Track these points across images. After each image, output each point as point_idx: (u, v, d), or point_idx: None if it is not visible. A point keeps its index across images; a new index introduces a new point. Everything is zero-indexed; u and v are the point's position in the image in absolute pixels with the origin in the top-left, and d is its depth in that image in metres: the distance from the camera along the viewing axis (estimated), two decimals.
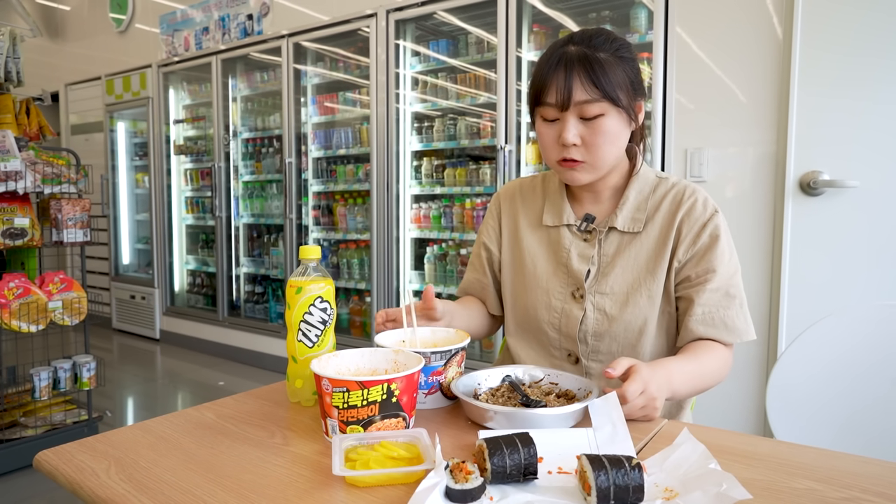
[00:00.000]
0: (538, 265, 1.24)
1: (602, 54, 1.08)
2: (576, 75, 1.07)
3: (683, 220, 1.15)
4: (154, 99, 5.02)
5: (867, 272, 2.23)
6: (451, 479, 0.67)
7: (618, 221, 1.18)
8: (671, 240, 1.15)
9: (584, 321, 1.17)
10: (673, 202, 1.17)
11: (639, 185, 1.20)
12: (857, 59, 2.19)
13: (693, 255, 1.14)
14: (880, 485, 0.72)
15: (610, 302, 1.16)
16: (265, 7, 4.18)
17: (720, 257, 1.12)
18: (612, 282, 1.17)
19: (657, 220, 1.17)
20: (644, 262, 1.16)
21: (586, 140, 1.10)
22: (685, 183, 1.20)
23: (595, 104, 1.07)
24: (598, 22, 2.98)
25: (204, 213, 4.93)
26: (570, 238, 1.22)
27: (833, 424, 1.31)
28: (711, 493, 0.65)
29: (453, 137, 3.47)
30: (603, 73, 1.06)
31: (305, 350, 0.99)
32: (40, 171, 2.60)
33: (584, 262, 1.19)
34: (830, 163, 2.25)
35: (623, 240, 1.18)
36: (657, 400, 0.92)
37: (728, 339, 1.11)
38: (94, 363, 2.84)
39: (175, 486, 0.73)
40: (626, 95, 1.09)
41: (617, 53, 1.09)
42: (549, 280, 1.22)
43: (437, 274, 3.56)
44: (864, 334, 1.31)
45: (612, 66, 1.08)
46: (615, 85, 1.07)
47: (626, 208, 1.18)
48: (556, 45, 1.12)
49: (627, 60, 1.11)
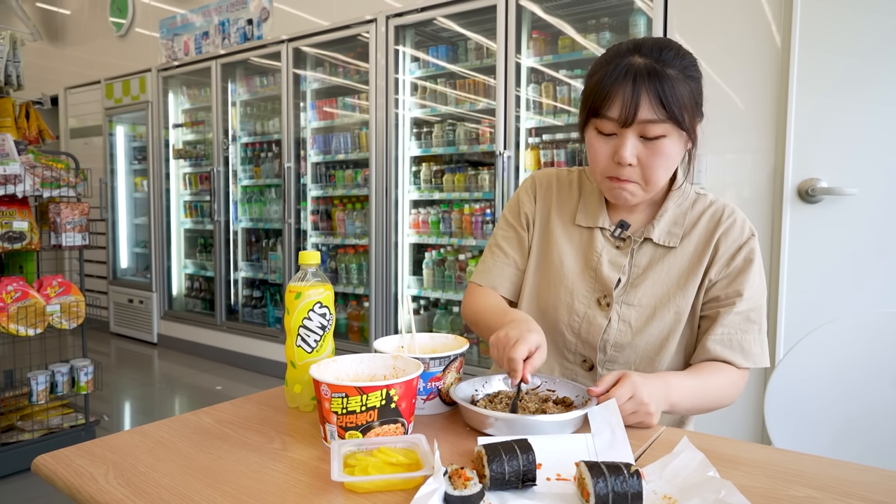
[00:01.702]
0: (565, 262, 1.20)
1: (671, 70, 1.01)
2: (644, 92, 1.00)
3: (721, 240, 1.12)
4: (153, 103, 5.02)
5: (865, 280, 2.23)
6: (450, 486, 0.67)
7: (654, 233, 1.15)
8: (707, 258, 1.12)
9: (607, 330, 1.14)
10: (711, 220, 1.15)
11: (678, 199, 1.17)
12: (854, 65, 2.20)
13: (725, 276, 1.12)
14: (878, 492, 0.72)
15: (636, 314, 1.13)
16: (265, 12, 4.20)
17: (751, 281, 1.10)
18: (640, 294, 1.14)
19: (694, 237, 1.14)
20: (676, 277, 1.13)
21: (643, 161, 1.06)
22: (724, 202, 1.18)
23: (659, 125, 1.02)
24: (597, 29, 2.99)
25: (202, 218, 4.93)
26: (603, 243, 1.19)
27: (831, 432, 1.31)
28: (710, 500, 0.65)
29: (452, 143, 3.48)
30: (672, 93, 1.01)
31: (304, 355, 0.99)
32: (39, 175, 2.60)
33: (615, 269, 1.16)
34: (829, 170, 2.26)
35: (657, 253, 1.15)
36: (649, 406, 0.92)
37: (742, 364, 1.09)
38: (91, 367, 2.83)
39: (173, 490, 0.73)
40: (690, 116, 1.05)
41: (686, 71, 1.04)
42: (575, 281, 1.18)
43: (436, 279, 3.56)
44: (863, 342, 1.31)
45: (681, 84, 1.02)
46: (682, 106, 1.02)
47: (663, 221, 1.15)
48: (620, 51, 1.05)
49: (694, 80, 1.06)
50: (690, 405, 1.05)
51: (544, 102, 3.16)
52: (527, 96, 3.17)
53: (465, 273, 3.43)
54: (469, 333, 3.45)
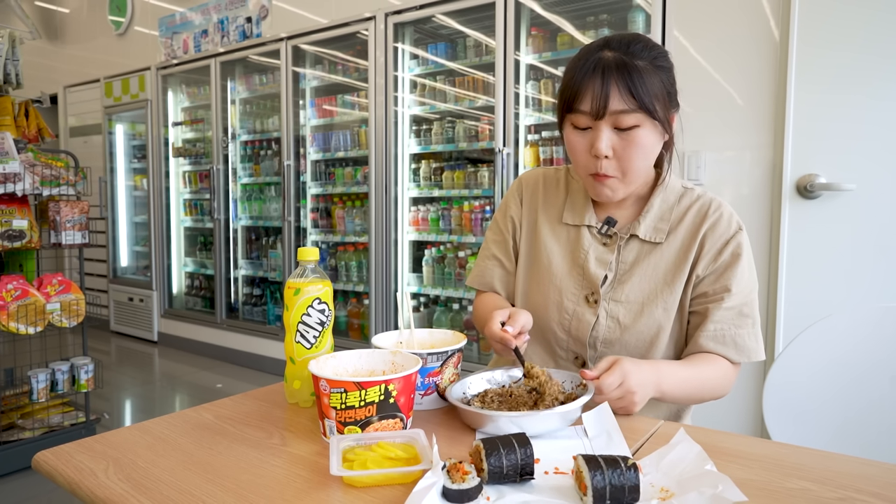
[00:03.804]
0: (553, 261, 1.21)
1: (640, 62, 1.03)
2: (613, 83, 1.02)
3: (707, 235, 1.12)
4: (153, 101, 5.02)
5: (864, 274, 2.23)
6: (448, 480, 0.68)
7: (640, 230, 1.15)
8: (692, 253, 1.12)
9: (595, 327, 1.15)
10: (698, 215, 1.14)
11: (664, 195, 1.17)
12: (853, 60, 2.20)
13: (713, 272, 1.11)
14: (875, 485, 0.72)
15: (624, 310, 1.14)
16: (264, 10, 4.19)
17: (739, 276, 1.10)
18: (628, 290, 1.14)
19: (680, 232, 1.14)
20: (663, 273, 1.13)
21: (618, 152, 1.06)
22: (711, 196, 1.17)
23: (631, 115, 1.03)
24: (596, 25, 2.99)
25: (202, 216, 4.93)
26: (590, 240, 1.19)
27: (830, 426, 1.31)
28: (707, 494, 0.65)
29: (451, 140, 3.48)
30: (641, 82, 1.02)
31: (303, 351, 1.00)
32: (39, 173, 2.60)
33: (601, 266, 1.16)
34: (827, 166, 2.26)
35: (643, 249, 1.15)
36: (636, 395, 0.94)
37: (736, 358, 1.10)
38: (91, 365, 2.84)
39: (173, 485, 0.73)
40: (663, 106, 1.05)
41: (655, 62, 1.05)
42: (564, 279, 1.19)
43: (436, 276, 3.56)
44: (862, 336, 1.31)
45: (650, 74, 1.03)
46: (652, 95, 1.03)
47: (649, 217, 1.15)
48: (591, 48, 1.08)
49: (665, 69, 1.07)
50: (681, 394, 1.06)
51: (543, 99, 3.16)
52: (526, 93, 3.17)
53: (465, 270, 3.43)
54: (468, 330, 3.46)
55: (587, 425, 0.86)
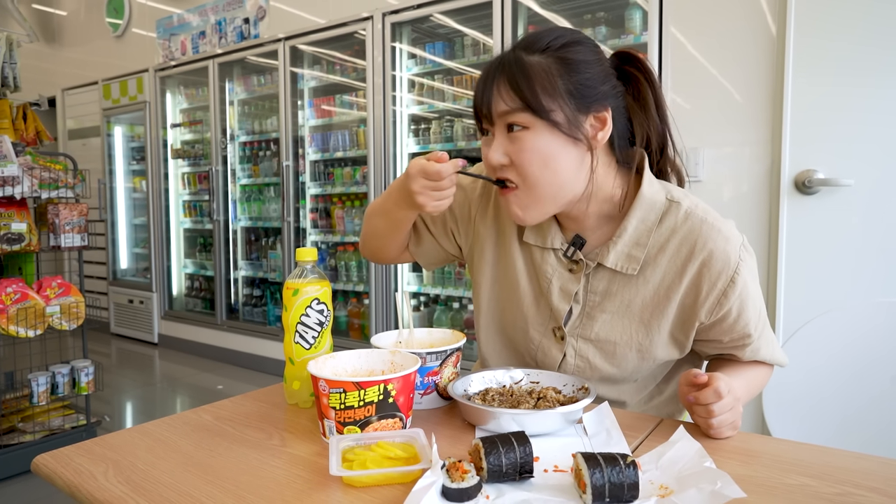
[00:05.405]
0: (520, 284, 1.06)
1: (536, 57, 0.90)
2: (497, 82, 0.91)
3: (702, 278, 0.93)
4: (151, 103, 5.02)
5: (863, 270, 2.23)
6: (448, 479, 0.68)
7: (609, 258, 0.97)
8: (677, 294, 0.95)
9: (563, 365, 1.03)
10: (683, 246, 0.94)
11: (642, 213, 0.96)
12: (851, 54, 2.19)
13: (722, 321, 0.96)
14: (874, 480, 0.72)
15: (594, 350, 1.01)
16: (261, 11, 4.19)
17: (751, 311, 0.96)
18: (598, 328, 1.00)
19: (661, 264, 0.96)
20: (639, 311, 0.98)
21: (512, 157, 0.92)
22: (700, 218, 0.94)
23: (517, 114, 0.89)
24: (594, 23, 2.99)
25: (202, 217, 4.93)
26: (555, 265, 1.02)
27: (829, 422, 1.31)
28: (706, 490, 0.65)
29: (450, 139, 3.48)
30: (525, 79, 0.88)
31: (302, 352, 1.00)
32: (37, 176, 2.60)
33: (565, 298, 1.01)
34: (825, 161, 2.26)
35: (615, 279, 0.98)
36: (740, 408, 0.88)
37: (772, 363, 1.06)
38: (92, 368, 2.84)
39: (173, 487, 0.73)
40: (563, 106, 0.89)
41: (559, 53, 0.90)
42: (529, 307, 1.06)
43: (435, 276, 3.57)
44: (861, 332, 1.31)
45: (546, 70, 0.89)
46: (541, 92, 0.88)
47: (622, 241, 0.96)
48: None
49: (575, 63, 0.90)
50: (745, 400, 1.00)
51: None
52: None
53: (465, 269, 3.43)
54: (469, 329, 3.45)
55: (586, 423, 0.86)
